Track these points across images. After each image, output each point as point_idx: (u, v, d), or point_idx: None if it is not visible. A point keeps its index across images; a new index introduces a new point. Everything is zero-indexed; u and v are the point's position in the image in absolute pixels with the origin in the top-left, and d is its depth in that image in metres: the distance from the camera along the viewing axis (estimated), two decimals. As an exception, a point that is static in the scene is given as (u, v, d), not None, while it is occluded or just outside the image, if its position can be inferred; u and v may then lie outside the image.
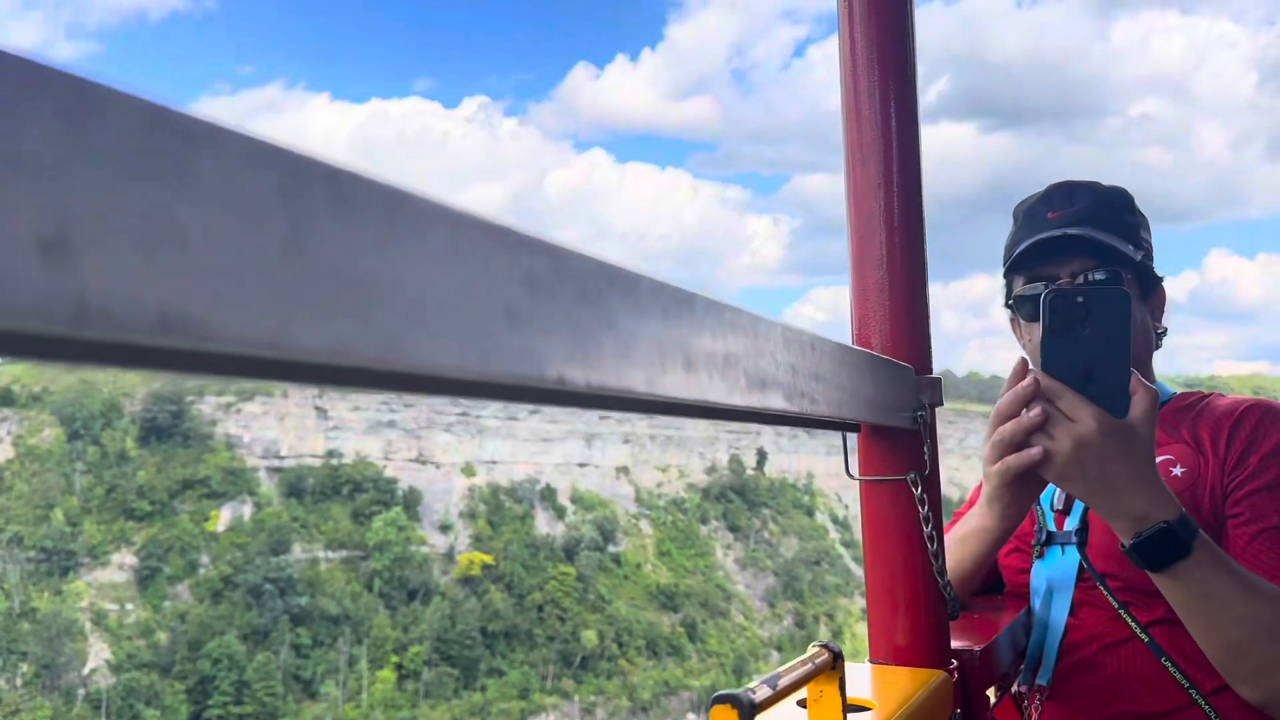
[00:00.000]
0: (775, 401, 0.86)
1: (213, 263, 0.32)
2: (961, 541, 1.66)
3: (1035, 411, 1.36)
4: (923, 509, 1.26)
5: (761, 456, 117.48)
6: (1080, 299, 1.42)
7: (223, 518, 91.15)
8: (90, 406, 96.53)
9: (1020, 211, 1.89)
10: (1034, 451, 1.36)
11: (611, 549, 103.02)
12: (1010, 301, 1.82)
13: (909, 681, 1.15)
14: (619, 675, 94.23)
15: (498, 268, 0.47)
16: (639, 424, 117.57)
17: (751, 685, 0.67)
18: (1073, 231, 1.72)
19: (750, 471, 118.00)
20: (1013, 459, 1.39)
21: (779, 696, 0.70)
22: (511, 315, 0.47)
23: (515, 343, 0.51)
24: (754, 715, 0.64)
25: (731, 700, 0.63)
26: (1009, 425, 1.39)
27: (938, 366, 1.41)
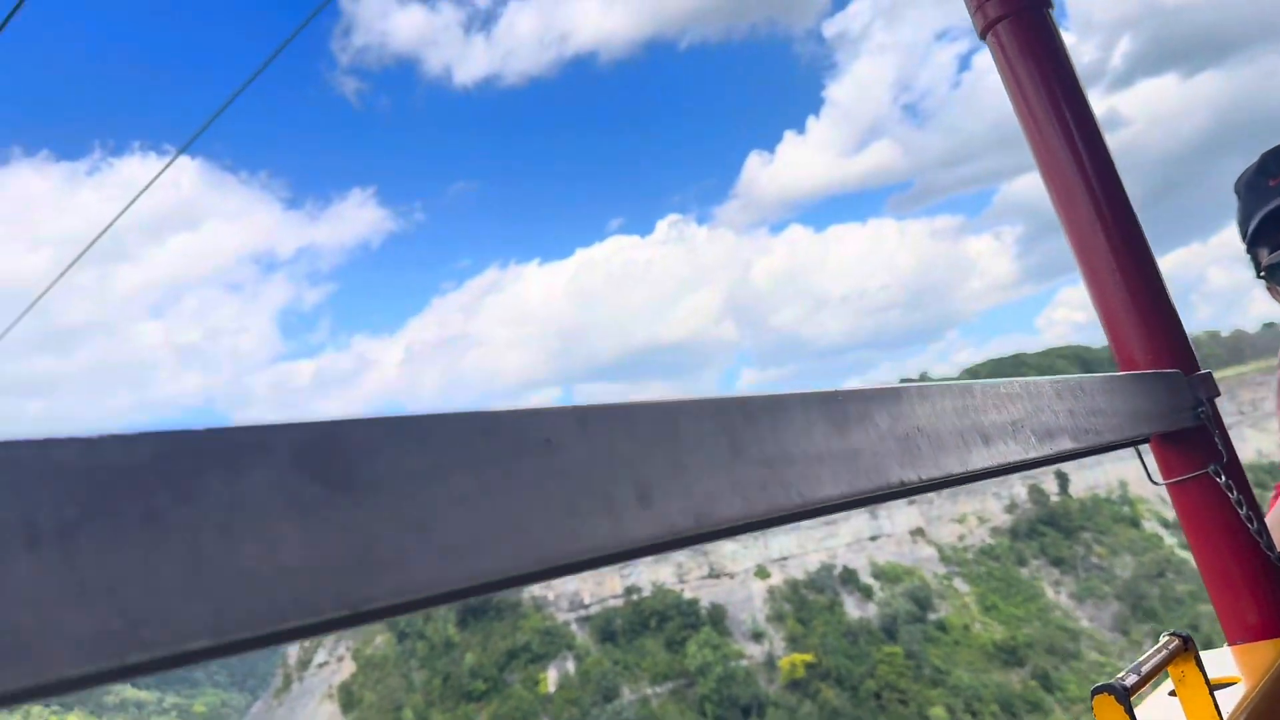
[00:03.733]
0: (1064, 445, 1.04)
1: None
2: None
3: None
4: (1233, 495, 1.35)
5: (1063, 479, 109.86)
6: None
7: (550, 678, 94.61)
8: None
9: (1241, 186, 1.95)
10: None
11: (932, 616, 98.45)
12: (1262, 272, 1.88)
13: (1271, 651, 1.24)
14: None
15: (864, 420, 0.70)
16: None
17: (1120, 675, 0.83)
18: None
19: (1055, 498, 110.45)
20: None
21: (1144, 681, 0.85)
22: (847, 438, 0.70)
23: (865, 462, 0.74)
24: (1129, 698, 0.80)
25: (1108, 689, 0.80)
26: None
27: (1225, 325, 1.48)
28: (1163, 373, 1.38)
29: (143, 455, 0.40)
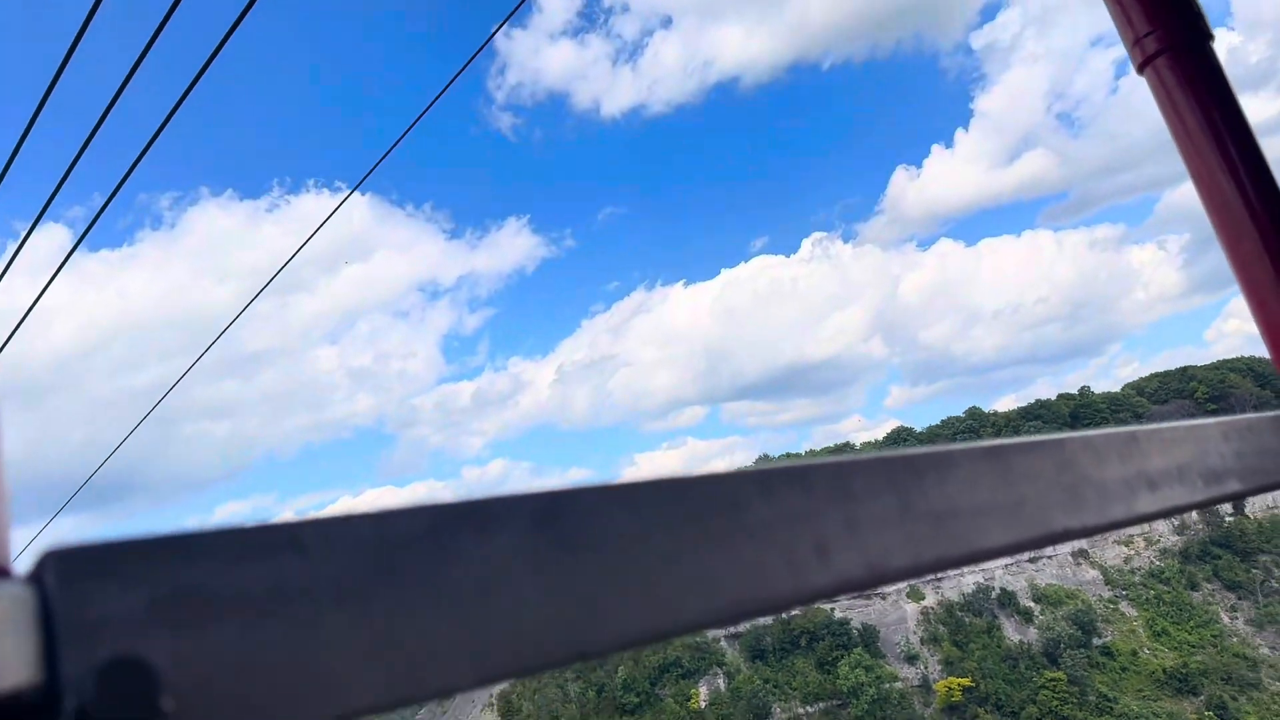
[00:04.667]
0: (1232, 486, 1.04)
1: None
2: None
3: None
4: None
5: (1239, 504, 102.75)
6: None
7: (702, 694, 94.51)
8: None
9: None
10: None
11: (1097, 642, 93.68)
12: None
13: None
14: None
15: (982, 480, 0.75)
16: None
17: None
18: None
19: (1229, 518, 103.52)
20: None
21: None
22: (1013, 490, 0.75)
23: (1029, 511, 0.78)
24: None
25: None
26: None
27: None
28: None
29: (419, 526, 0.49)
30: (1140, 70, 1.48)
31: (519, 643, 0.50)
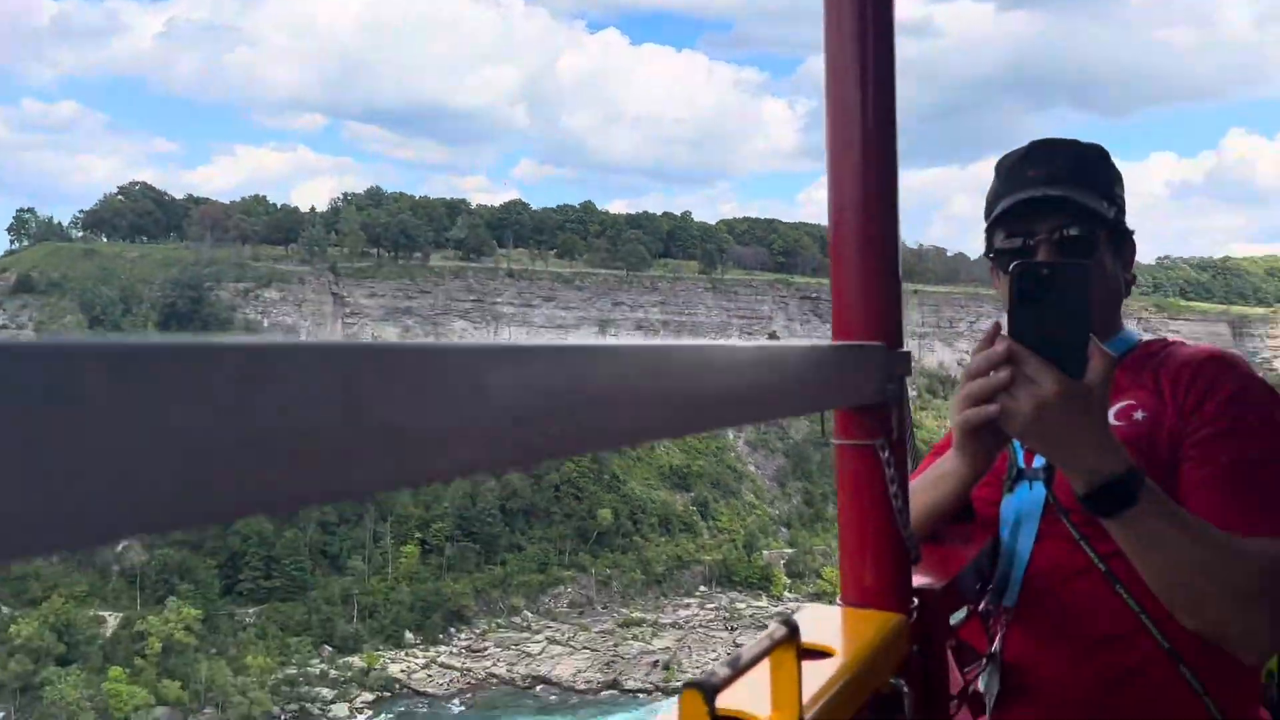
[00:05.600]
0: (753, 414, 1.02)
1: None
2: (937, 481, 1.83)
3: (1002, 373, 1.51)
4: (889, 470, 1.42)
5: (772, 339, 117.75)
6: (1045, 271, 1.57)
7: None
8: (109, 293, 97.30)
9: (1003, 167, 2.00)
10: (991, 408, 1.53)
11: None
12: (991, 254, 1.96)
13: (869, 627, 1.33)
14: (634, 550, 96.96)
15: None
16: (651, 310, 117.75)
17: (713, 670, 0.83)
18: (1053, 193, 1.85)
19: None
20: (972, 413, 1.56)
21: (739, 674, 0.87)
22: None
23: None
24: (715, 696, 0.81)
25: (698, 686, 0.80)
26: (977, 383, 1.55)
27: (954, 248, 1.53)
28: (865, 345, 1.41)
29: None
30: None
31: None
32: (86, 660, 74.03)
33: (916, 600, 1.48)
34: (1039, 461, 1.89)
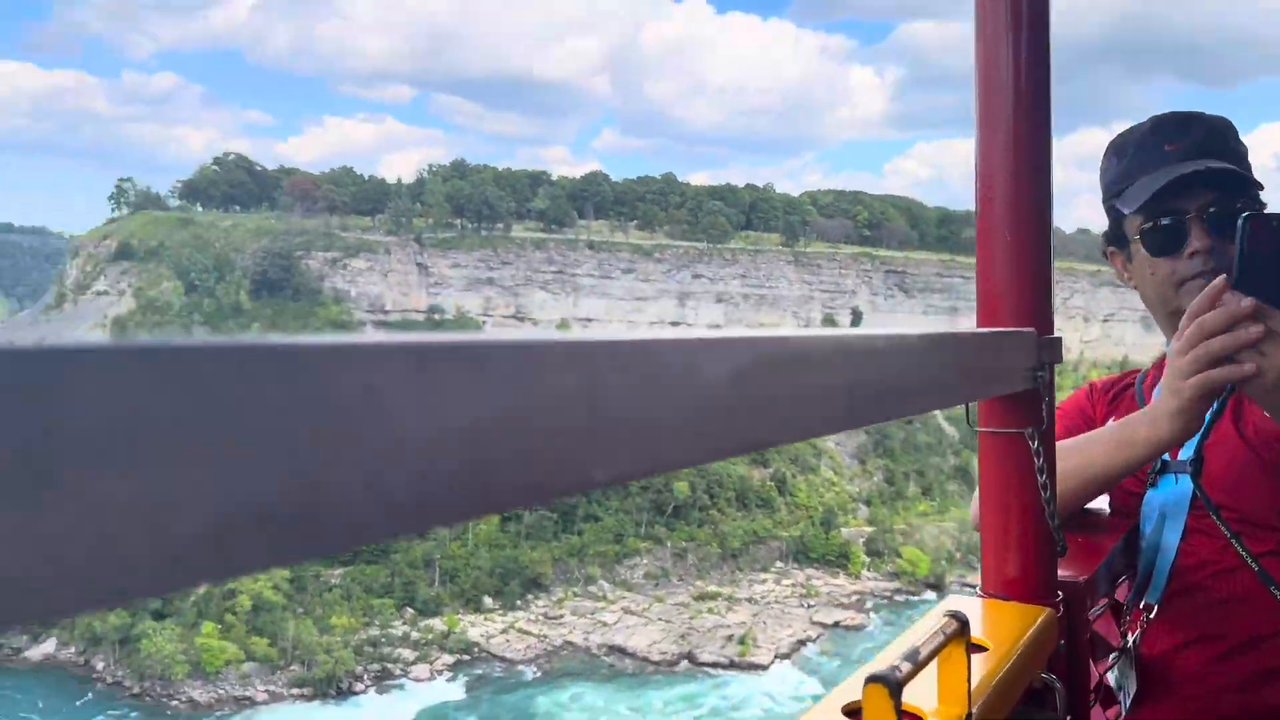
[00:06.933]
0: (896, 406, 0.99)
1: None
2: (1121, 445, 1.67)
3: (1256, 328, 1.39)
4: (1038, 461, 1.38)
5: (856, 316, 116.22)
6: (1276, 224, 1.46)
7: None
8: (204, 261, 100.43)
9: (1128, 144, 1.89)
10: (1248, 367, 1.40)
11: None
12: (1139, 235, 1.84)
13: (1018, 619, 1.30)
14: (709, 524, 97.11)
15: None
16: (731, 283, 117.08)
17: (895, 664, 0.82)
18: (1214, 165, 1.74)
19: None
20: (1217, 373, 1.43)
21: (918, 669, 0.85)
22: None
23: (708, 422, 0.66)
24: (900, 691, 0.79)
25: (882, 680, 0.79)
26: (1219, 340, 1.42)
27: None
28: (1014, 331, 1.37)
29: None
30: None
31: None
32: (181, 615, 77.19)
33: (1061, 594, 1.44)
34: (1185, 454, 1.81)
